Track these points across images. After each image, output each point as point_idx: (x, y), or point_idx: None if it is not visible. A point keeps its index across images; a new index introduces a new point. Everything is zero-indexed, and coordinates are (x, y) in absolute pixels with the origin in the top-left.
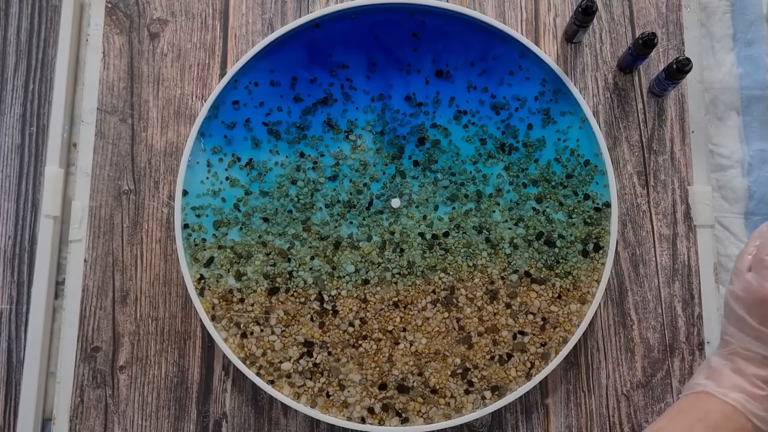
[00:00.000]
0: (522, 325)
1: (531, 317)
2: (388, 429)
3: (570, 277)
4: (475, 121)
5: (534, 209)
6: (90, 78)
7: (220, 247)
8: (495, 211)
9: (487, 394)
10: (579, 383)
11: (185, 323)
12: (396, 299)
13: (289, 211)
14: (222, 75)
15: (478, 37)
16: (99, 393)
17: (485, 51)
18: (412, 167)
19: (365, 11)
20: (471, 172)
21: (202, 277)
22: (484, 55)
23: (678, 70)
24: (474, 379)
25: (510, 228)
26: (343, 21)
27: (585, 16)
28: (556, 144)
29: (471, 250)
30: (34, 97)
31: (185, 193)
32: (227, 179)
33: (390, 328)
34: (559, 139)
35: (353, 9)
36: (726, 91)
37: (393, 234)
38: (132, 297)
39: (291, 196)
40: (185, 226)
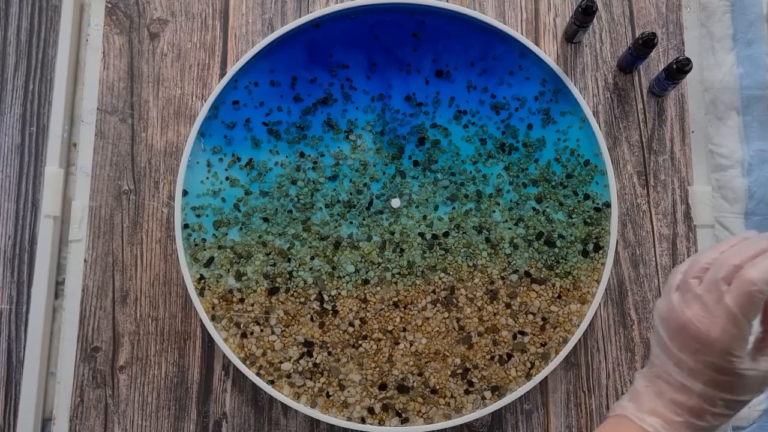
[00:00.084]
0: (522, 325)
1: (531, 317)
2: (388, 429)
3: (570, 277)
4: (475, 121)
5: (534, 209)
6: (90, 78)
7: (220, 247)
8: (495, 211)
9: (487, 394)
10: (579, 383)
11: (185, 323)
12: (396, 299)
13: (289, 211)
14: (222, 75)
15: (478, 37)
16: (99, 393)
17: (485, 51)
18: (412, 167)
19: (365, 11)
20: (471, 172)
21: (202, 277)
22: (484, 55)
23: (678, 70)
24: (474, 379)
25: (510, 228)
26: (343, 21)
27: (585, 16)
28: (556, 144)
29: (471, 250)
30: (34, 97)
31: (185, 193)
32: (227, 179)
33: (390, 328)
34: (559, 139)
35: (353, 9)
36: (726, 91)
37: (393, 234)
38: (132, 297)
39: (291, 196)
40: (185, 226)
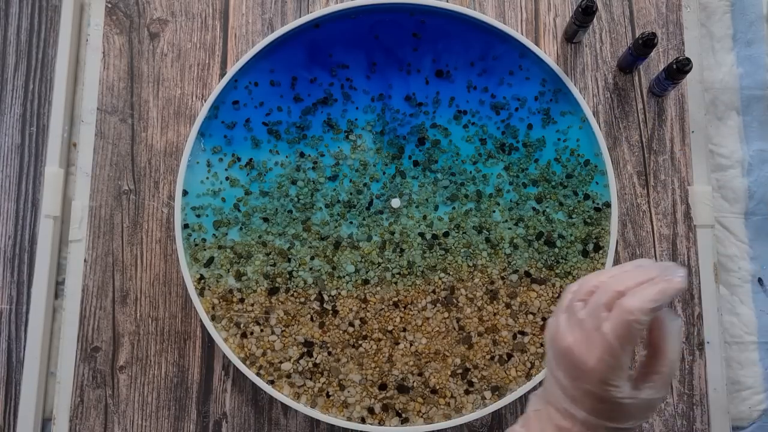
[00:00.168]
0: (522, 325)
1: (531, 317)
2: (388, 429)
3: (570, 277)
4: (475, 121)
5: (534, 209)
6: (90, 78)
7: (220, 247)
8: (495, 211)
9: (487, 394)
10: None
11: (185, 323)
12: (396, 299)
13: (289, 211)
14: (222, 75)
15: (478, 37)
16: (99, 393)
17: (485, 51)
18: (412, 167)
19: (365, 11)
20: (471, 172)
21: (202, 277)
22: (484, 55)
23: (678, 70)
24: (474, 379)
25: (510, 228)
26: (343, 21)
27: (585, 16)
28: (556, 144)
29: (471, 250)
30: (34, 97)
31: (185, 193)
32: (227, 179)
33: (390, 328)
34: (559, 139)
35: (353, 9)
36: (726, 91)
37: (393, 234)
38: (132, 297)
39: (291, 196)
40: (185, 226)
